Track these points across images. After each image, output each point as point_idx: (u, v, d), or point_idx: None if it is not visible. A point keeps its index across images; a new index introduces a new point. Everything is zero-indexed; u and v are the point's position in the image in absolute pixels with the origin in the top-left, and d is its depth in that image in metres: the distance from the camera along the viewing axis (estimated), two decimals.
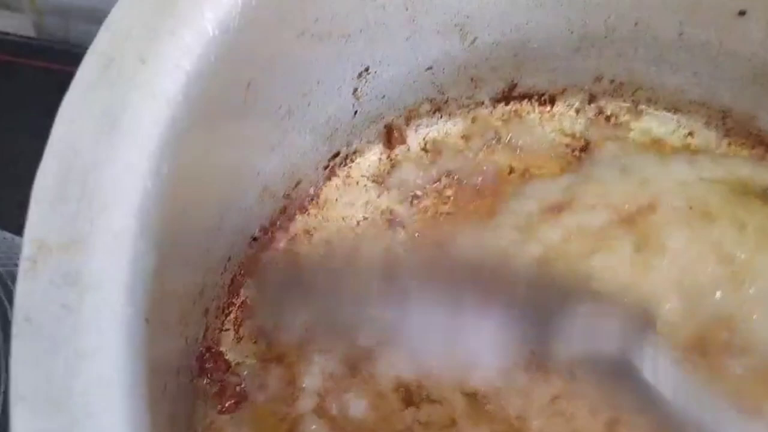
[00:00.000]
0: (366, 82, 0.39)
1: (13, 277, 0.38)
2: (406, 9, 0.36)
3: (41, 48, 0.59)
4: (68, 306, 0.22)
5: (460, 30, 0.39)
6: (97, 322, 0.22)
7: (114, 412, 0.21)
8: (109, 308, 0.22)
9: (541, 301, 0.38)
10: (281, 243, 0.42)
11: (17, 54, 0.58)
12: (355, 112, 0.41)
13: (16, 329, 0.22)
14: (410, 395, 0.38)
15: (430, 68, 0.41)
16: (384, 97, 0.41)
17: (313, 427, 0.37)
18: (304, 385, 0.38)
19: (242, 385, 0.39)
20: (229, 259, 0.39)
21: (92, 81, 0.24)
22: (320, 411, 0.38)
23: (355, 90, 0.39)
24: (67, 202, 0.23)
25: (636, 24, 0.40)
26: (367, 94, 0.40)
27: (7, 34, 0.59)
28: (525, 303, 0.38)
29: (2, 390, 0.36)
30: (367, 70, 0.38)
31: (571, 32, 0.40)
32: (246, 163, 0.35)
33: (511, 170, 0.44)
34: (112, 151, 0.24)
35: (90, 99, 0.24)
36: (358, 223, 0.43)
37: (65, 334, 0.22)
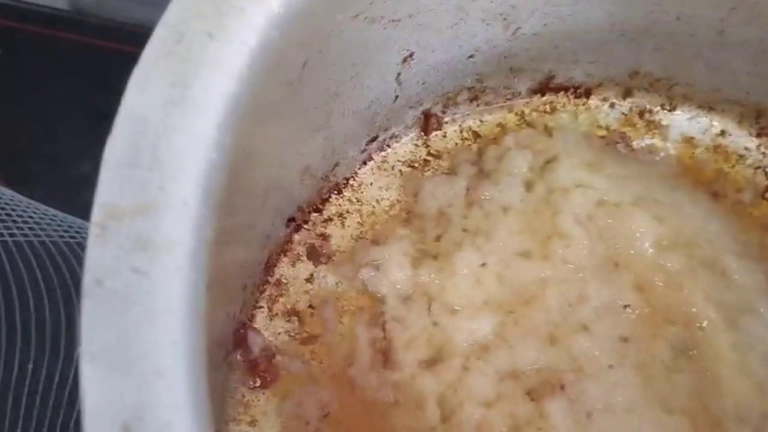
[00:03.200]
0: (409, 67, 0.39)
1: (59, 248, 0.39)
2: None
3: (74, 21, 0.59)
4: (139, 269, 0.22)
5: (504, 19, 0.39)
6: (167, 286, 0.23)
7: (181, 373, 0.22)
8: (177, 272, 0.23)
9: None
10: (316, 224, 0.43)
11: (51, 26, 0.58)
12: (396, 97, 0.41)
13: (86, 291, 0.22)
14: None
15: (471, 56, 0.41)
16: (425, 83, 0.41)
17: None
18: None
19: (274, 361, 0.40)
20: (268, 237, 0.39)
21: (163, 53, 0.25)
22: None
23: (399, 75, 0.39)
24: (138, 168, 0.23)
25: (678, 18, 0.40)
26: (409, 80, 0.40)
27: (41, 6, 0.59)
28: None
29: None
30: (411, 55, 0.38)
31: (613, 25, 0.40)
32: (292, 142, 0.35)
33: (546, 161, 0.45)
34: (182, 120, 0.24)
35: (161, 70, 0.25)
36: (391, 206, 0.44)
37: (136, 297, 0.22)
